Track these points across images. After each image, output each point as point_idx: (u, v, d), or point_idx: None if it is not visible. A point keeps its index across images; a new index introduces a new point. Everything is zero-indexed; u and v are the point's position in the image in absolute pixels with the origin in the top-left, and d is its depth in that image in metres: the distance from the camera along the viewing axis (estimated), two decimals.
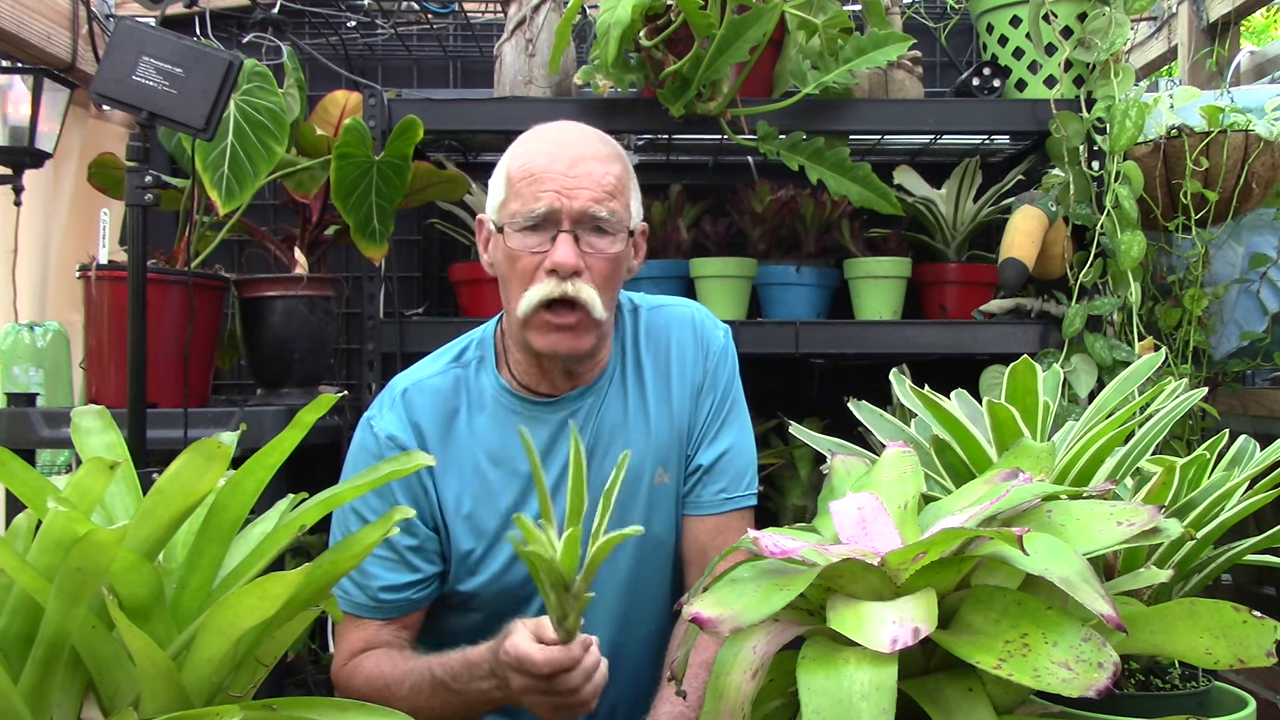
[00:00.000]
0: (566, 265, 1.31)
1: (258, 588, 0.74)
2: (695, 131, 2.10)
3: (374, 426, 1.43)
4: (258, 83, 1.94)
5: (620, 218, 1.36)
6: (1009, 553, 0.76)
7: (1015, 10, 2.17)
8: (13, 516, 0.88)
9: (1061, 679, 0.71)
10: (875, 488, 0.93)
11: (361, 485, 0.88)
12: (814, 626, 0.81)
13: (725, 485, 1.46)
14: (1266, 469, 1.02)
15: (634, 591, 1.44)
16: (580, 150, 1.35)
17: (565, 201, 1.32)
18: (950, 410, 1.09)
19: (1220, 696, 0.95)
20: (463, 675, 1.24)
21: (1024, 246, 2.02)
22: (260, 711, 0.81)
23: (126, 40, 1.49)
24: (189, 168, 1.92)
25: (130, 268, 1.54)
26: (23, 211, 2.27)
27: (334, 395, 0.87)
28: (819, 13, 2.01)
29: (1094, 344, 2.02)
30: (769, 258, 2.27)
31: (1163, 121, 2.11)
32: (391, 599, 1.39)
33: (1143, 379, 1.14)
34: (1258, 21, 5.02)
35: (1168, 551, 0.96)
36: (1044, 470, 0.92)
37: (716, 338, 1.51)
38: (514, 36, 2.13)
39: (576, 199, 1.32)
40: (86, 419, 0.93)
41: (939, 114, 2.16)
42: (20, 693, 0.75)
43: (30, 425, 1.93)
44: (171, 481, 0.76)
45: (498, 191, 1.39)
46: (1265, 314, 2.22)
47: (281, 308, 2.08)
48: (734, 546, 0.90)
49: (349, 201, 1.97)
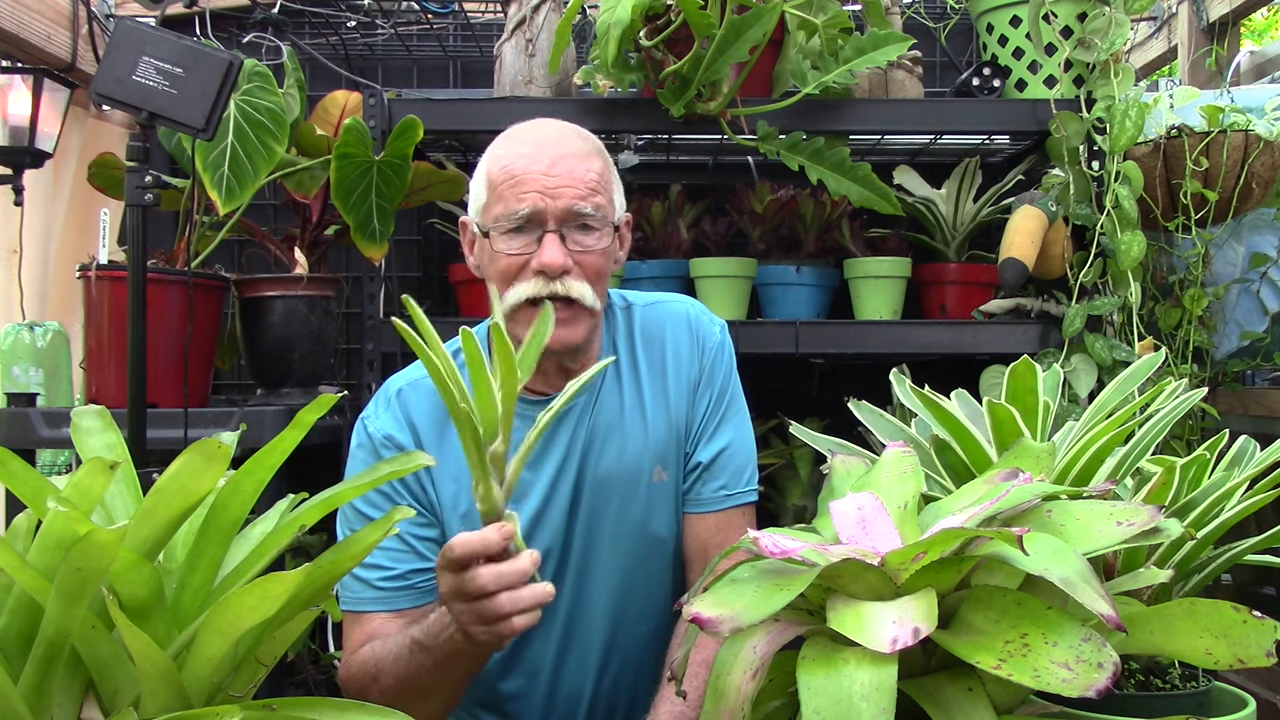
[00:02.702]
0: (554, 266, 1.31)
1: (258, 588, 0.74)
2: (695, 131, 2.11)
3: (369, 426, 1.43)
4: (258, 83, 1.94)
5: (605, 213, 1.36)
6: (1009, 553, 0.76)
7: (1015, 10, 2.17)
8: (13, 516, 0.88)
9: (1061, 679, 0.71)
10: (875, 488, 0.93)
11: (361, 485, 0.88)
12: (814, 626, 0.81)
13: (725, 482, 1.45)
14: (1266, 469, 1.01)
15: (632, 589, 1.44)
16: (560, 149, 1.35)
17: (549, 202, 1.32)
18: (950, 410, 1.09)
19: (1220, 696, 0.95)
20: (433, 629, 1.21)
21: (1024, 246, 2.02)
22: (260, 711, 0.81)
23: (126, 40, 1.50)
24: (189, 168, 1.92)
25: (130, 268, 1.54)
26: (23, 211, 2.27)
27: (334, 395, 0.87)
28: (819, 13, 2.01)
29: (1094, 344, 2.02)
30: (769, 258, 2.28)
31: (1163, 121, 2.11)
32: (397, 586, 1.38)
33: (1143, 379, 1.14)
34: (1258, 21, 5.02)
35: (1168, 551, 0.96)
36: (1044, 470, 0.92)
37: (712, 333, 1.50)
38: (514, 36, 2.13)
39: (560, 198, 1.32)
40: (86, 419, 0.93)
41: (939, 114, 2.16)
42: (20, 693, 0.75)
43: (30, 425, 1.93)
44: (171, 481, 0.76)
45: (479, 194, 1.39)
46: (1265, 314, 2.22)
47: (281, 308, 2.08)
48: (734, 546, 0.90)
49: (349, 201, 1.97)
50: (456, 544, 1.05)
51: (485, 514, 1.03)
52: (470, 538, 1.05)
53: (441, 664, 1.20)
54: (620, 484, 1.42)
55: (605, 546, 1.42)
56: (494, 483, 1.01)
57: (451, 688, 1.26)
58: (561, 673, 1.44)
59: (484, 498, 1.02)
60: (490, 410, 0.97)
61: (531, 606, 1.07)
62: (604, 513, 1.41)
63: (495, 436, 0.99)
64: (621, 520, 1.42)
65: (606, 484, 1.41)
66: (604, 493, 1.41)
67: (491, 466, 1.00)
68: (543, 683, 1.44)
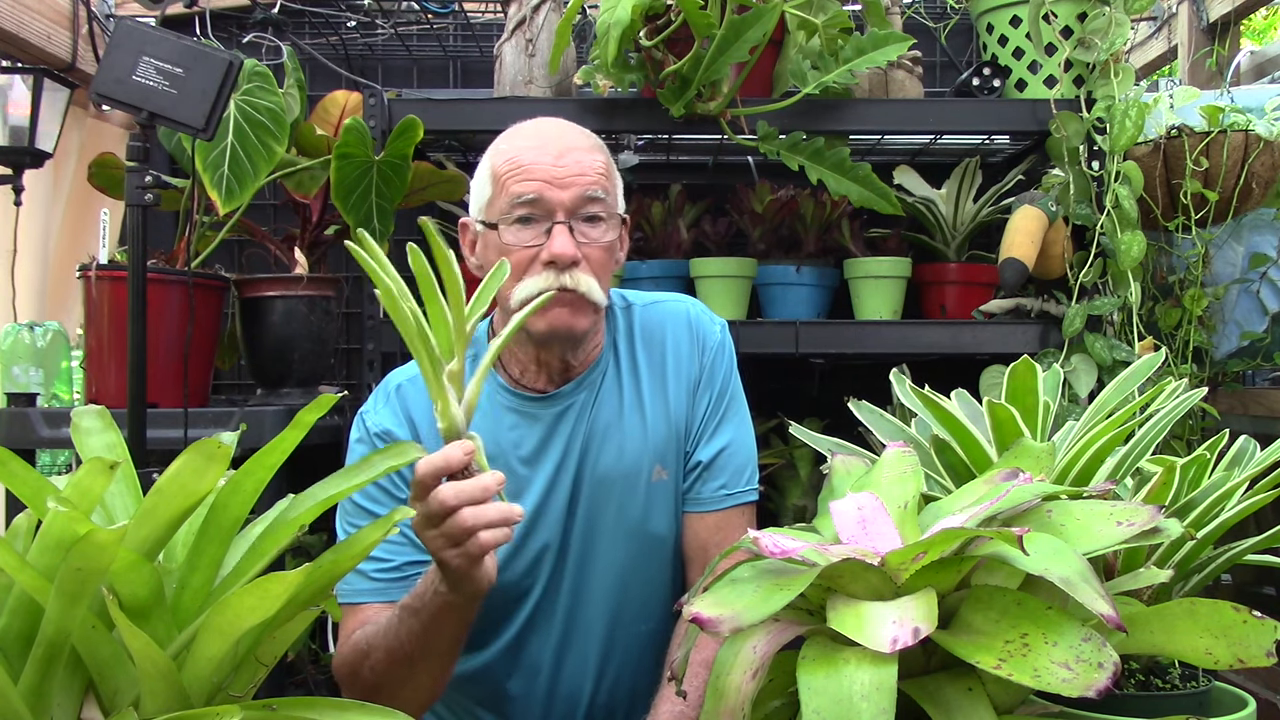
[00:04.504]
0: (565, 256, 1.31)
1: (258, 588, 0.74)
2: (695, 131, 2.11)
3: (367, 421, 1.43)
4: (258, 83, 1.94)
5: (612, 204, 1.37)
6: (1009, 553, 0.76)
7: (1015, 10, 2.17)
8: (13, 516, 0.88)
9: (1061, 679, 0.71)
10: (875, 488, 0.93)
11: (359, 480, 0.88)
12: (814, 626, 0.81)
13: (725, 481, 1.45)
14: (1266, 469, 1.01)
15: (631, 588, 1.44)
16: (565, 142, 1.35)
17: (557, 192, 1.32)
18: (950, 410, 1.09)
19: (1220, 696, 0.95)
20: (419, 589, 1.20)
21: (1024, 246, 2.02)
22: (260, 711, 0.81)
23: (126, 40, 1.50)
24: (189, 168, 1.92)
25: (130, 268, 1.54)
26: (22, 211, 2.27)
27: (334, 395, 0.87)
28: (819, 13, 2.01)
29: (1094, 344, 2.02)
30: (769, 258, 2.28)
31: (1163, 121, 2.11)
32: (392, 578, 1.37)
33: (1143, 379, 1.14)
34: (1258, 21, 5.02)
35: (1168, 551, 0.96)
36: (1044, 470, 0.92)
37: (713, 332, 1.50)
38: (514, 36, 2.13)
39: (569, 188, 1.32)
40: (86, 419, 0.93)
41: (939, 114, 2.16)
42: (20, 693, 0.75)
43: (30, 425, 1.93)
44: (171, 481, 0.76)
45: (482, 190, 1.38)
46: (1265, 314, 2.22)
47: (281, 308, 2.08)
48: (734, 546, 0.90)
49: (349, 201, 1.97)
50: (420, 465, 1.04)
51: (445, 432, 1.03)
52: (433, 456, 1.03)
53: (430, 626, 1.19)
54: (619, 483, 1.42)
55: (604, 545, 1.42)
56: (452, 400, 1.01)
57: (440, 652, 1.23)
58: (561, 672, 1.44)
59: (443, 414, 1.01)
60: (443, 330, 0.97)
61: (497, 522, 1.05)
62: (603, 512, 1.41)
63: (451, 357, 0.99)
64: (620, 519, 1.42)
65: (605, 483, 1.41)
66: (603, 492, 1.41)
67: (449, 385, 1.00)
68: (542, 682, 1.44)
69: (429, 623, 1.19)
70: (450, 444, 1.04)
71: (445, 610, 1.17)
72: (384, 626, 1.26)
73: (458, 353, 1.00)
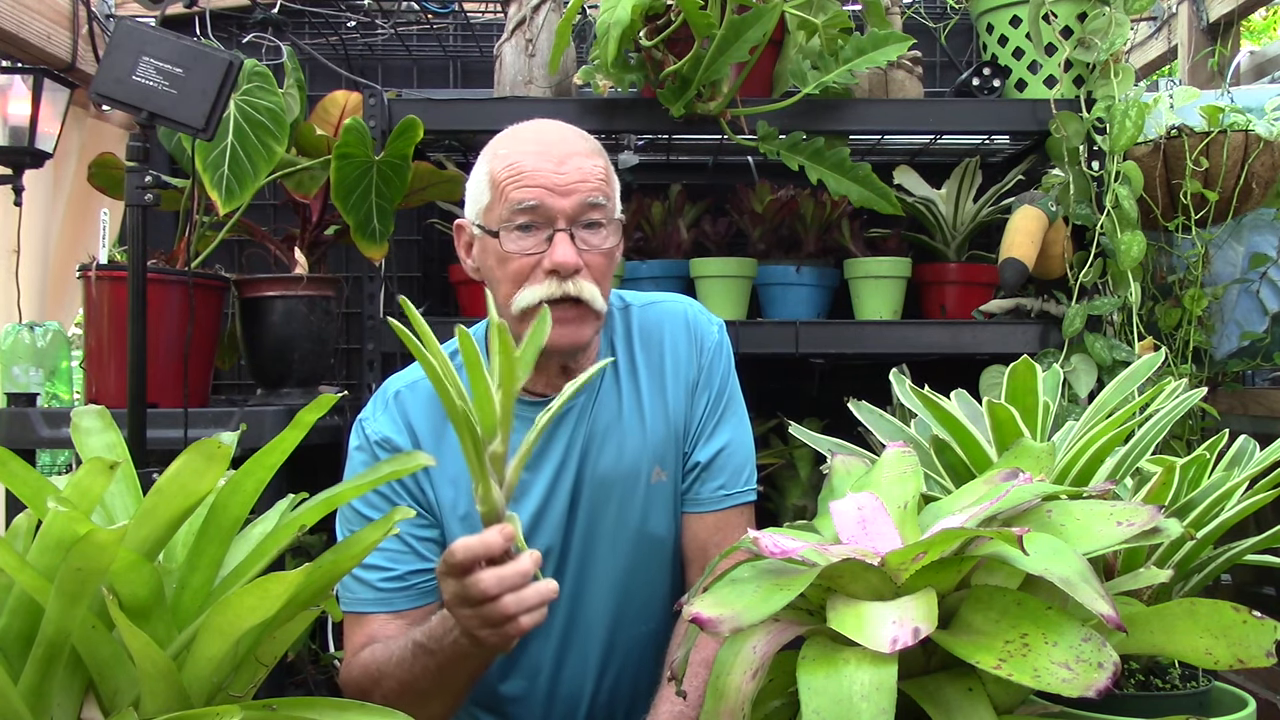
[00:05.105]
0: (568, 264, 1.30)
1: (258, 588, 0.74)
2: (695, 131, 2.10)
3: (367, 428, 1.42)
4: (258, 83, 1.94)
5: (612, 210, 1.36)
6: (1009, 553, 0.76)
7: (1015, 10, 2.17)
8: (13, 516, 0.88)
9: (1061, 679, 0.71)
10: (875, 488, 0.93)
11: (361, 485, 0.88)
12: (814, 626, 0.81)
13: (724, 482, 1.45)
14: (1266, 469, 1.01)
15: (631, 589, 1.44)
16: (566, 148, 1.34)
17: (559, 200, 1.31)
18: (950, 410, 1.09)
19: (1220, 696, 0.95)
20: (436, 632, 1.20)
21: (1024, 246, 2.02)
22: (260, 711, 0.81)
23: (126, 40, 1.50)
24: (189, 168, 1.92)
25: (130, 268, 1.54)
26: (23, 211, 2.27)
27: (334, 395, 0.87)
28: (819, 13, 2.01)
29: (1094, 344, 2.02)
30: (769, 258, 2.28)
31: (1163, 121, 2.11)
32: (396, 587, 1.37)
33: (1143, 379, 1.14)
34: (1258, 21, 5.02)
35: (1168, 551, 0.96)
36: (1044, 470, 0.92)
37: (711, 333, 1.50)
38: (514, 36, 2.13)
39: (570, 195, 1.31)
40: (86, 419, 0.93)
41: (939, 114, 2.16)
42: (20, 693, 0.75)
43: (30, 425, 1.93)
44: (171, 481, 0.76)
45: (480, 194, 1.36)
46: (1265, 314, 2.22)
47: (281, 308, 2.08)
48: (734, 546, 0.90)
49: (349, 201, 1.97)
50: (458, 548, 1.04)
51: (485, 515, 1.03)
52: (471, 541, 1.03)
53: (445, 667, 1.19)
54: (619, 484, 1.41)
55: (604, 547, 1.42)
56: (494, 483, 1.00)
57: (456, 690, 1.25)
58: (561, 673, 1.44)
59: (484, 499, 1.01)
60: (488, 411, 0.97)
61: (536, 605, 1.06)
62: (603, 513, 1.41)
63: (494, 437, 0.98)
64: (620, 521, 1.42)
65: (605, 484, 1.41)
66: (603, 493, 1.41)
67: (491, 467, 0.99)
68: (542, 683, 1.44)
69: (446, 664, 1.19)
70: (489, 528, 1.03)
71: (465, 657, 1.17)
72: (396, 656, 1.26)
73: (501, 434, 0.98)
